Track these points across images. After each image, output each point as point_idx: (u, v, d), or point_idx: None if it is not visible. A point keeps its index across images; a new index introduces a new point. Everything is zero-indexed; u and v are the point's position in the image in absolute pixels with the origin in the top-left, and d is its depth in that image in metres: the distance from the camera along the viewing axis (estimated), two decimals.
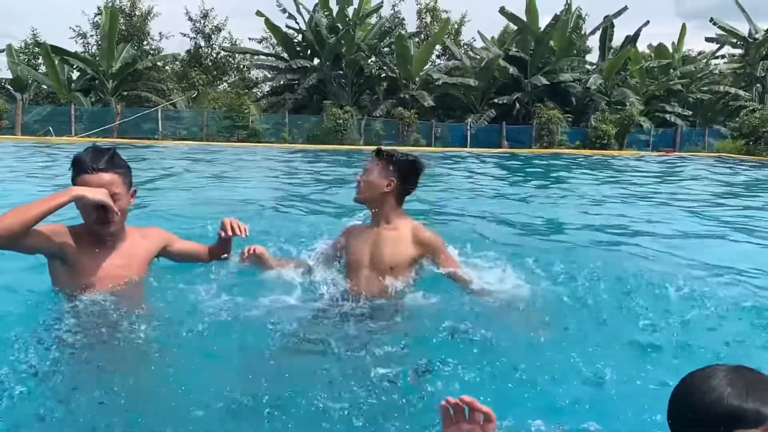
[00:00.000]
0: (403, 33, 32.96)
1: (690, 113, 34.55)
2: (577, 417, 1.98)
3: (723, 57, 37.81)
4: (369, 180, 3.10)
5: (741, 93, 33.88)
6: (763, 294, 3.66)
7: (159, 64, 33.98)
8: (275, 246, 3.47)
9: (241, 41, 40.16)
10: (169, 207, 6.95)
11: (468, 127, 30.94)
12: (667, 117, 33.46)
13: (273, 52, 36.32)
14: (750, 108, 31.40)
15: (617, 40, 34.90)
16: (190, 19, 38.10)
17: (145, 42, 35.27)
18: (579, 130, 31.49)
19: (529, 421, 1.93)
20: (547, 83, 31.03)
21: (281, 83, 35.11)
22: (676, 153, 29.65)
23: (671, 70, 34.30)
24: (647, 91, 33.62)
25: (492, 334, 2.47)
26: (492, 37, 37.67)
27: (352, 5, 31.26)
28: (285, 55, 33.75)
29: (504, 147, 29.42)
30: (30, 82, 31.66)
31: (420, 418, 1.96)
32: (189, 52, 38.34)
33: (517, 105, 31.99)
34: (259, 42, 38.55)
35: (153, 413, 1.95)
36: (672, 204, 9.58)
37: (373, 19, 33.03)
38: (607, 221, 7.16)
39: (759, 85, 34.38)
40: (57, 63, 29.04)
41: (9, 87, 31.97)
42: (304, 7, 31.97)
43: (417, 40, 34.13)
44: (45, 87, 31.93)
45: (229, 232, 2.98)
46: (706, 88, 35.52)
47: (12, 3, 59.92)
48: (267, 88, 37.72)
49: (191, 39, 38.52)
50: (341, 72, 31.80)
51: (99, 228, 2.65)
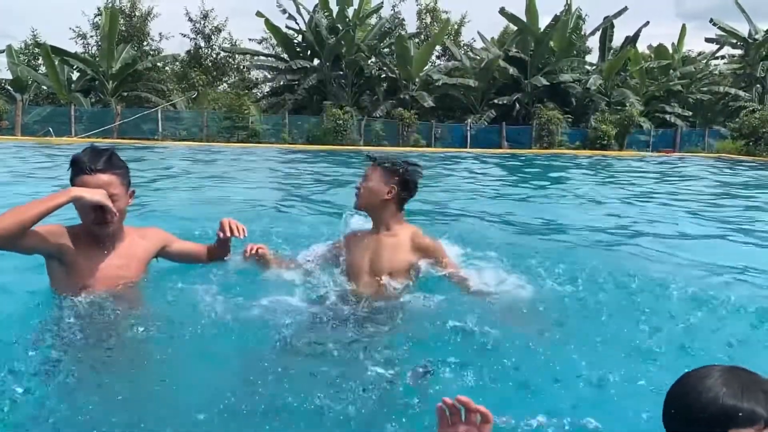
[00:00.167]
0: (403, 33, 33.00)
1: (690, 114, 34.57)
2: (578, 417, 1.97)
3: (723, 57, 37.87)
4: (369, 187, 3.09)
5: (741, 93, 33.89)
6: (765, 294, 3.66)
7: (159, 64, 34.02)
8: (274, 246, 3.47)
9: (241, 42, 40.23)
10: (169, 207, 6.96)
11: (468, 128, 30.94)
12: (667, 117, 33.47)
13: (273, 52, 36.35)
14: (750, 108, 31.43)
15: (617, 40, 35.02)
16: (190, 20, 38.23)
17: (145, 43, 35.32)
18: (579, 130, 31.50)
19: (530, 422, 1.92)
20: (547, 84, 31.05)
21: (281, 84, 35.13)
22: (676, 153, 29.66)
23: (671, 70, 34.31)
24: (647, 92, 33.64)
25: (492, 335, 2.47)
26: (492, 38, 37.75)
27: (352, 6, 31.27)
28: (285, 56, 33.77)
29: (504, 148, 29.43)
30: (30, 82, 31.68)
31: (420, 419, 1.95)
32: (189, 52, 38.40)
33: (517, 105, 32.00)
34: (259, 42, 38.67)
35: (151, 414, 1.94)
36: (672, 204, 9.58)
37: (373, 20, 33.04)
38: (607, 222, 7.15)
39: (759, 86, 34.40)
40: (57, 64, 29.05)
41: (9, 87, 31.99)
42: (304, 8, 32.02)
43: (417, 40, 34.14)
44: (45, 88, 31.95)
45: (228, 232, 2.98)
46: (705, 88, 35.53)
47: (12, 3, 60.00)
48: (267, 88, 37.73)
49: (191, 40, 38.66)
50: (341, 72, 31.81)
51: (97, 229, 2.65)
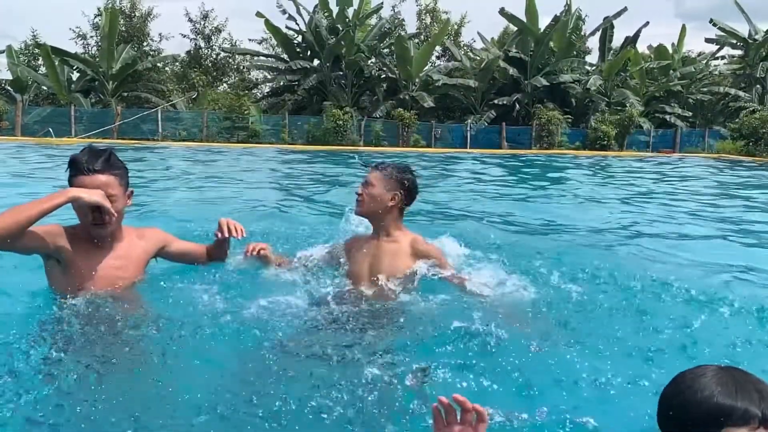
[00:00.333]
0: (403, 34, 33.01)
1: (690, 114, 34.58)
2: (579, 417, 1.96)
3: (723, 58, 37.91)
4: (373, 194, 3.08)
5: (741, 94, 33.89)
6: (765, 294, 3.65)
7: (159, 65, 34.04)
8: (274, 246, 3.46)
9: (241, 42, 40.31)
10: (168, 208, 6.95)
11: (468, 128, 30.94)
12: (667, 118, 33.48)
13: (273, 53, 36.37)
14: (750, 109, 31.46)
15: (617, 41, 35.05)
16: (190, 20, 38.29)
17: (145, 43, 35.35)
18: (579, 131, 31.50)
19: (531, 422, 1.91)
20: (547, 84, 31.05)
21: (281, 84, 35.15)
22: (675, 154, 29.66)
23: (671, 71, 34.31)
24: (647, 92, 33.64)
25: (492, 336, 2.46)
26: (492, 38, 37.79)
27: (352, 6, 31.27)
28: (285, 56, 33.77)
29: (504, 148, 29.43)
30: (30, 83, 31.70)
31: (420, 420, 1.94)
32: (189, 53, 38.44)
33: (517, 106, 32.00)
34: (259, 43, 38.69)
35: (149, 415, 1.93)
36: (672, 205, 9.57)
37: (373, 20, 33.04)
38: (607, 222, 7.15)
39: (759, 86, 34.39)
40: (57, 64, 29.05)
41: (9, 88, 32.01)
42: (304, 8, 32.03)
43: (417, 41, 34.12)
44: (45, 88, 31.96)
45: (226, 233, 2.97)
46: (705, 89, 35.54)
47: (12, 3, 60.06)
48: (267, 89, 37.76)
49: (191, 40, 38.72)
50: (341, 73, 31.81)
51: (95, 229, 2.64)
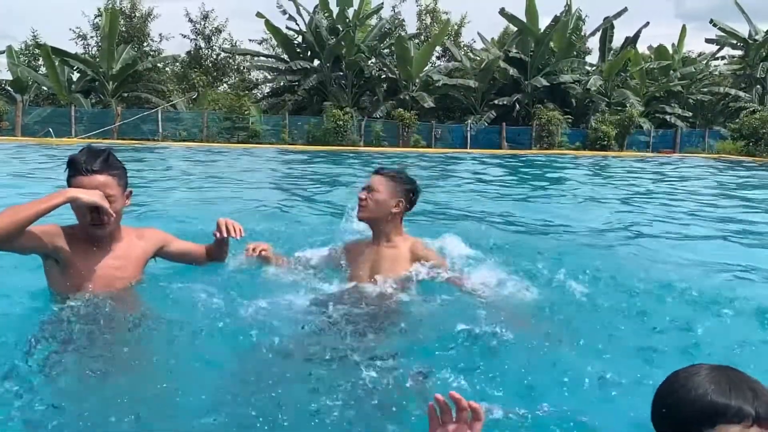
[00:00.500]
0: (403, 34, 33.01)
1: (690, 114, 34.58)
2: (578, 417, 1.96)
3: (723, 58, 37.93)
4: (378, 199, 3.09)
5: (741, 94, 33.89)
6: (766, 294, 3.64)
7: (159, 65, 34.02)
8: (273, 246, 3.46)
9: (242, 43, 40.31)
10: (168, 208, 6.95)
11: (468, 129, 30.94)
12: (667, 118, 33.48)
13: (273, 53, 36.37)
14: (750, 109, 31.45)
15: (617, 41, 35.05)
16: (190, 21, 38.29)
17: (145, 43, 35.34)
18: (579, 131, 31.51)
19: (529, 420, 1.91)
20: (547, 84, 31.06)
21: (281, 84, 35.16)
22: (676, 154, 29.65)
23: (671, 71, 34.31)
24: (647, 93, 33.64)
25: (493, 336, 2.45)
26: (492, 39, 37.78)
27: (352, 7, 31.28)
28: (285, 57, 33.78)
29: (504, 148, 29.43)
30: (30, 83, 31.71)
31: (420, 421, 1.93)
32: (189, 53, 38.44)
33: (517, 106, 32.00)
34: (260, 43, 38.69)
35: (147, 416, 1.92)
36: (672, 205, 9.57)
37: (373, 21, 33.05)
38: (608, 222, 7.14)
39: (759, 87, 34.39)
40: (57, 64, 29.05)
41: (9, 88, 32.02)
42: (304, 9, 32.05)
43: (417, 41, 34.13)
44: (45, 88, 31.97)
45: (224, 232, 2.96)
46: (706, 89, 35.54)
47: (12, 4, 60.10)
48: (267, 89, 37.74)
49: (191, 40, 38.72)
50: (341, 73, 31.81)
51: (93, 230, 2.63)
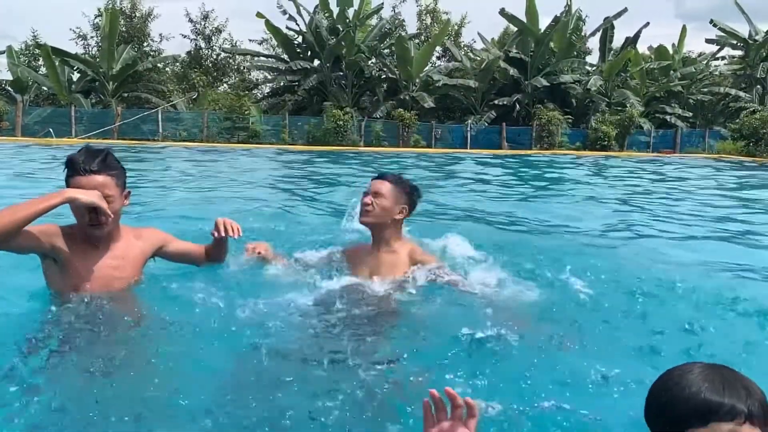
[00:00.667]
0: (404, 34, 33.02)
1: (690, 114, 34.58)
2: (578, 416, 1.96)
3: (723, 58, 37.95)
4: (384, 205, 3.12)
5: (741, 94, 33.89)
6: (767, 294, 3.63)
7: (159, 65, 34.03)
8: (273, 246, 3.45)
9: (242, 43, 40.36)
10: (168, 208, 6.94)
11: (468, 129, 30.94)
12: (668, 118, 33.47)
13: (273, 53, 36.38)
14: (750, 109, 31.44)
15: (617, 41, 35.05)
16: (190, 21, 38.32)
17: (146, 43, 35.35)
18: (579, 131, 31.51)
19: (531, 423, 1.91)
20: (548, 85, 31.07)
21: (281, 84, 35.16)
22: (676, 154, 29.65)
23: (671, 71, 34.31)
24: (647, 93, 33.64)
25: (493, 337, 2.44)
26: (492, 39, 37.77)
27: (352, 7, 31.29)
28: (285, 57, 33.79)
29: (504, 148, 29.43)
30: (30, 83, 31.72)
31: (421, 423, 1.93)
32: (189, 53, 38.47)
33: (518, 106, 32.01)
34: (260, 43, 38.71)
35: (145, 417, 1.91)
36: (672, 205, 9.56)
37: (374, 21, 33.05)
38: (608, 222, 7.14)
39: (759, 87, 34.38)
40: (57, 64, 29.06)
41: (9, 88, 32.03)
42: (304, 9, 32.05)
43: (417, 41, 34.14)
44: (45, 88, 31.99)
45: (222, 232, 2.94)
46: (706, 89, 35.54)
47: (12, 4, 60.13)
48: (267, 89, 37.75)
49: (191, 40, 38.75)
50: (341, 73, 31.82)
51: (91, 230, 2.63)
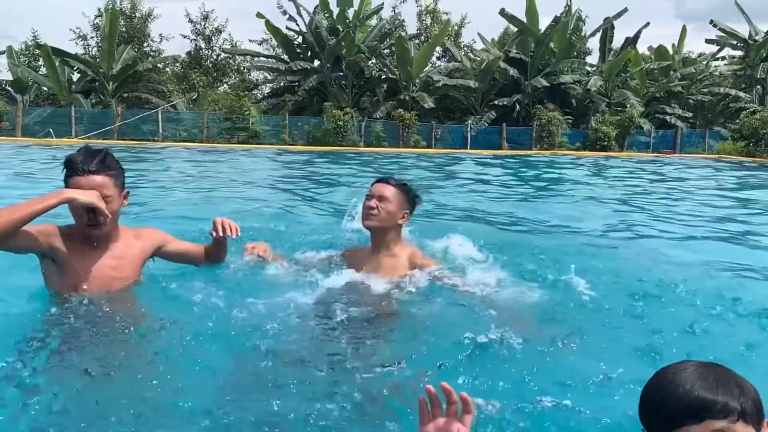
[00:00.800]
0: (404, 35, 33.02)
1: (690, 115, 34.56)
2: (580, 418, 1.95)
3: (723, 59, 37.94)
4: (389, 210, 3.15)
5: (741, 95, 33.88)
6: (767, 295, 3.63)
7: (159, 65, 34.02)
8: (272, 247, 3.45)
9: (242, 43, 40.37)
10: (168, 208, 6.94)
11: (468, 129, 30.94)
12: (668, 119, 33.47)
13: (273, 53, 36.39)
14: (750, 110, 31.43)
15: (617, 41, 35.04)
16: (190, 21, 38.33)
17: (146, 44, 35.34)
18: (579, 131, 31.51)
19: (532, 423, 1.91)
20: (548, 85, 31.07)
21: (281, 85, 35.16)
22: (676, 155, 29.65)
23: (671, 71, 34.30)
24: (647, 93, 33.63)
25: (494, 338, 2.43)
26: (492, 39, 37.76)
27: (352, 7, 31.29)
28: (285, 57, 33.80)
29: (504, 149, 29.42)
30: (30, 83, 31.73)
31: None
32: (189, 53, 38.47)
33: (518, 107, 32.01)
34: (260, 44, 38.72)
35: (143, 418, 1.90)
36: (672, 206, 9.56)
37: (374, 21, 33.06)
38: (608, 223, 7.13)
39: (759, 87, 34.37)
40: (57, 65, 29.07)
41: (9, 89, 32.03)
42: (304, 9, 32.05)
43: (417, 41, 34.14)
44: (45, 89, 31.99)
45: (220, 231, 2.94)
46: (706, 89, 35.53)
47: (12, 4, 60.14)
48: (267, 89, 37.75)
49: (191, 41, 38.76)
50: (341, 74, 31.82)
51: (90, 230, 2.63)
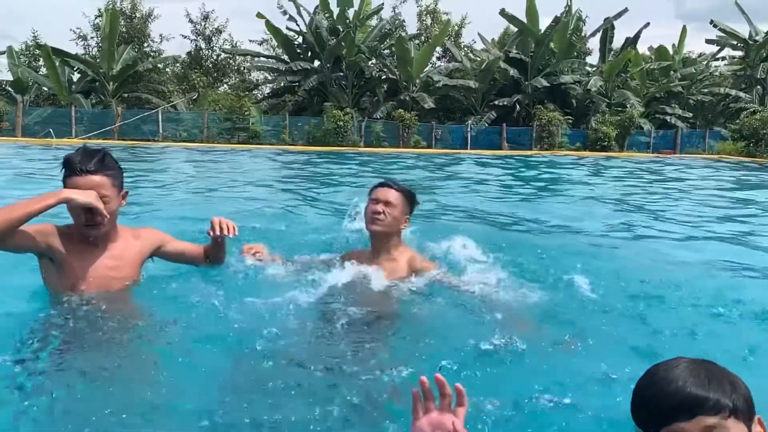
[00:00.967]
0: (404, 35, 33.02)
1: (690, 115, 34.55)
2: (581, 418, 1.95)
3: (723, 59, 37.91)
4: (395, 215, 3.18)
5: (741, 95, 33.87)
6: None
7: (159, 66, 34.02)
8: (272, 247, 3.45)
9: (242, 43, 40.42)
10: (168, 208, 6.94)
11: (468, 129, 30.93)
12: (668, 119, 33.45)
13: (273, 54, 36.39)
14: (750, 110, 31.42)
15: (617, 42, 35.03)
16: (190, 21, 38.35)
17: (146, 44, 35.36)
18: (579, 131, 31.50)
19: (532, 423, 1.91)
20: (548, 85, 31.05)
21: (282, 85, 35.15)
22: (676, 155, 29.64)
23: (671, 71, 34.29)
24: (647, 93, 33.62)
25: (494, 339, 2.43)
26: (492, 39, 37.74)
27: (352, 7, 31.29)
28: (285, 57, 33.80)
29: (504, 149, 29.41)
30: (30, 83, 31.73)
31: None
32: (189, 54, 38.48)
33: (518, 107, 32.00)
34: (260, 44, 38.73)
35: (140, 419, 1.90)
36: (672, 206, 9.56)
37: (374, 21, 33.05)
38: (609, 223, 7.14)
39: (759, 87, 34.36)
40: (58, 65, 29.07)
41: (9, 89, 32.03)
42: (304, 9, 32.05)
43: (417, 42, 34.13)
44: (45, 89, 31.98)
45: (218, 231, 2.93)
46: (706, 90, 35.52)
47: (12, 4, 60.15)
48: (267, 89, 37.76)
49: (192, 41, 38.77)
50: (342, 74, 31.82)
51: (88, 230, 2.63)
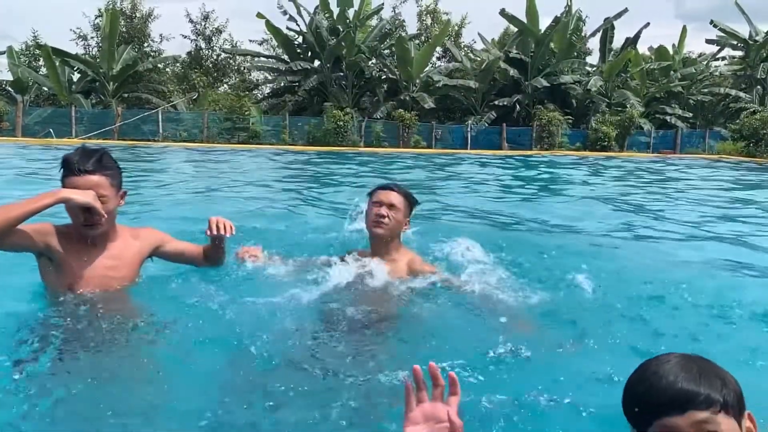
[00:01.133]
0: (404, 35, 33.02)
1: (690, 115, 34.54)
2: (581, 417, 1.96)
3: (723, 59, 37.90)
4: (398, 218, 3.21)
5: (741, 95, 33.86)
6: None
7: (160, 66, 34.02)
8: (272, 248, 3.45)
9: (242, 43, 40.45)
10: (168, 208, 6.95)
11: (468, 129, 30.93)
12: (668, 119, 33.44)
13: (273, 54, 36.39)
14: (750, 110, 31.41)
15: (617, 42, 35.02)
16: (190, 21, 38.35)
17: (146, 44, 35.36)
18: (579, 131, 31.49)
19: (532, 423, 1.91)
20: (548, 85, 31.05)
21: (282, 85, 35.15)
22: (676, 155, 29.63)
23: (671, 71, 34.28)
24: (647, 93, 33.61)
25: (495, 339, 2.43)
26: (492, 39, 37.73)
27: (352, 7, 31.29)
28: (285, 57, 33.79)
29: (504, 149, 29.40)
30: (30, 83, 31.72)
31: None
32: (190, 54, 38.48)
33: (518, 107, 32.00)
34: (260, 44, 38.73)
35: (138, 420, 1.91)
36: (672, 206, 9.56)
37: (374, 21, 33.04)
38: (609, 223, 7.14)
39: (759, 87, 34.35)
40: (58, 65, 29.06)
41: (10, 89, 32.03)
42: (304, 9, 32.05)
43: (417, 42, 34.12)
44: (46, 89, 31.98)
45: (215, 230, 2.92)
46: (706, 90, 35.50)
47: (12, 4, 60.15)
48: (267, 89, 37.75)
49: (192, 41, 38.77)
50: (342, 74, 31.82)
51: (86, 230, 2.64)
